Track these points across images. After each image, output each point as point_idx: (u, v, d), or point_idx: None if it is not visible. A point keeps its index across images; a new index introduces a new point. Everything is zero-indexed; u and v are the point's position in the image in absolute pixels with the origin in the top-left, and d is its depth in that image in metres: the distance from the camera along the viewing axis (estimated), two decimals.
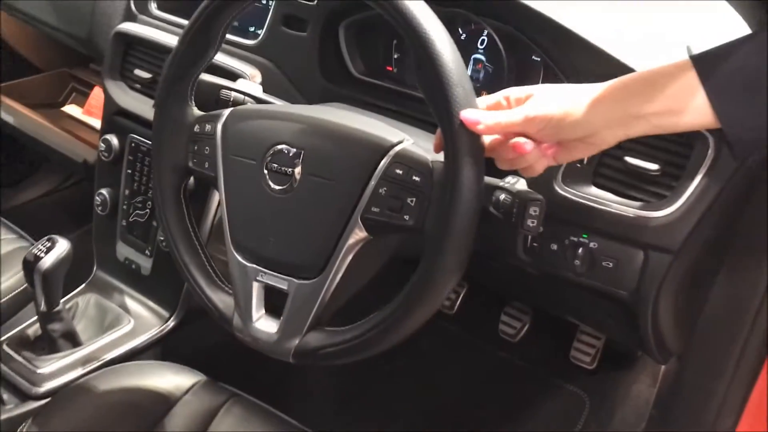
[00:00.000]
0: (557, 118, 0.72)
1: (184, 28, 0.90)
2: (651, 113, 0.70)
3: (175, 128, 0.94)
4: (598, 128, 0.72)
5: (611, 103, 0.71)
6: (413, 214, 0.78)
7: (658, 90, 0.69)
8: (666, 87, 0.69)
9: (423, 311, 0.78)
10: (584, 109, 0.72)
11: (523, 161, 0.76)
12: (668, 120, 0.70)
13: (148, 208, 1.29)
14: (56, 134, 1.65)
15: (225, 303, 0.92)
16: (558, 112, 0.72)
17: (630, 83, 0.72)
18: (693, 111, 0.68)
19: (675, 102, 0.69)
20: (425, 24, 0.74)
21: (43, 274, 1.10)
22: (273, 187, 0.86)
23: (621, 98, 0.71)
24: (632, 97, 0.70)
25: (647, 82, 0.70)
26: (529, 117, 0.73)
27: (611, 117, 0.71)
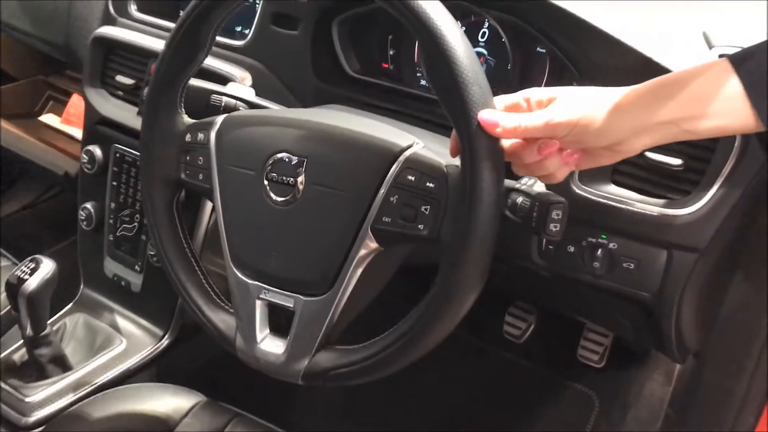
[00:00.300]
0: (582, 125, 0.67)
1: (171, 31, 0.84)
2: (682, 118, 0.65)
3: (165, 138, 0.88)
4: (626, 136, 0.67)
5: (639, 109, 0.66)
6: (428, 223, 0.73)
7: (690, 93, 0.64)
8: (699, 89, 0.64)
9: (442, 328, 0.73)
10: (611, 116, 0.67)
11: (543, 168, 0.71)
12: (701, 125, 0.65)
13: (136, 221, 1.23)
14: (34, 146, 1.58)
15: (226, 323, 0.87)
16: (583, 118, 0.67)
17: (658, 87, 0.67)
18: (729, 114, 0.64)
19: (709, 105, 0.64)
20: (435, 18, 0.68)
21: (28, 297, 1.04)
22: (274, 199, 0.80)
23: (649, 104, 0.66)
24: (661, 102, 0.66)
25: (677, 85, 0.65)
26: (551, 123, 0.68)
27: (639, 124, 0.66)
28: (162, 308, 1.24)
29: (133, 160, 1.21)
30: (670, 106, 0.65)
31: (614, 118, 0.67)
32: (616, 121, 0.67)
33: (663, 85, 0.67)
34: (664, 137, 0.67)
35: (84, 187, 1.30)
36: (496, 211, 0.69)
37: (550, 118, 0.68)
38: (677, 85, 0.66)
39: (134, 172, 1.21)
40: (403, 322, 0.75)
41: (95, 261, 1.30)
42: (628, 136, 0.67)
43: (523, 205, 0.75)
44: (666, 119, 0.65)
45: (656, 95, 0.66)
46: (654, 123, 0.66)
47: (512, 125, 0.68)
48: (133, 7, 1.27)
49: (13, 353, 1.18)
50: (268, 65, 1.12)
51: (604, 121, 0.67)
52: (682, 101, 0.65)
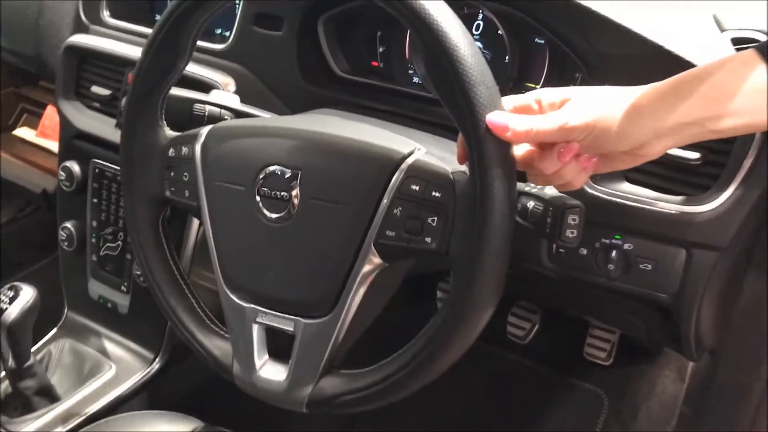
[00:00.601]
0: (600, 128, 0.62)
1: (148, 38, 0.78)
2: (707, 117, 0.60)
3: (147, 153, 0.82)
4: (647, 139, 0.62)
5: (661, 110, 0.61)
6: (436, 235, 0.68)
7: (714, 89, 0.59)
8: (724, 84, 0.59)
9: (456, 349, 0.68)
10: (630, 118, 0.62)
11: (560, 176, 0.66)
12: (728, 123, 0.60)
13: (120, 240, 1.16)
14: (9, 163, 1.51)
15: (221, 349, 0.81)
16: (600, 121, 0.62)
17: (680, 85, 0.61)
18: (759, 110, 0.58)
19: (736, 101, 0.59)
20: (435, 13, 0.63)
21: (9, 328, 0.98)
22: (268, 216, 0.74)
23: (671, 104, 0.61)
24: (685, 101, 0.60)
25: (700, 81, 0.60)
26: (567, 126, 0.62)
27: (661, 126, 0.61)
28: (152, 330, 1.18)
29: (114, 175, 1.15)
30: (694, 105, 0.60)
31: (634, 121, 0.62)
32: (636, 124, 0.62)
33: (685, 82, 0.61)
34: (688, 138, 0.62)
35: (63, 206, 1.24)
36: (510, 222, 0.64)
37: (565, 121, 0.62)
38: (700, 81, 0.60)
39: (115, 188, 1.15)
40: (414, 344, 0.70)
41: (79, 283, 1.24)
42: (650, 139, 0.62)
43: (535, 210, 0.70)
44: (690, 119, 0.60)
45: (678, 93, 0.61)
46: (677, 124, 0.61)
47: (524, 128, 0.62)
48: (105, 13, 1.20)
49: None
50: (251, 69, 1.06)
51: (623, 123, 0.62)
52: (706, 99, 0.60)
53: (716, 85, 0.59)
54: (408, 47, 1.06)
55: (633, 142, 0.62)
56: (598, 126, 0.62)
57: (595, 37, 0.82)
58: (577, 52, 0.86)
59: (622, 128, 0.62)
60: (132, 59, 1.11)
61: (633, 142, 0.62)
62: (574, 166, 0.66)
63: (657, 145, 0.63)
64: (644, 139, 0.62)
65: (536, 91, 0.67)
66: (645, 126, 0.61)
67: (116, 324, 1.22)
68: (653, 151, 0.64)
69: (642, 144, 0.62)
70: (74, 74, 1.20)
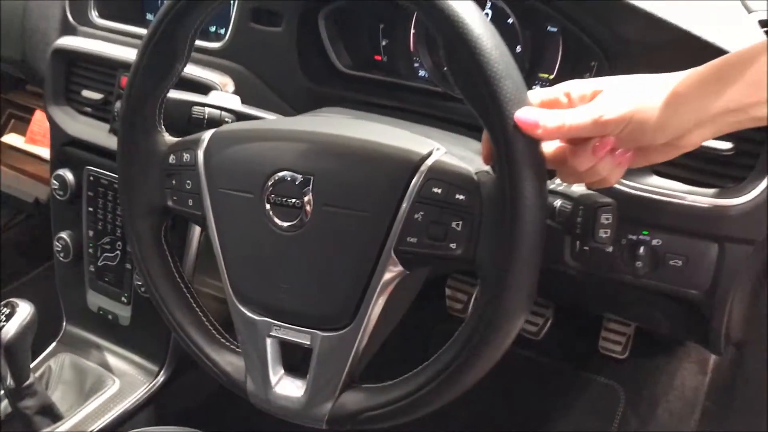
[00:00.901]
0: (637, 120, 0.58)
1: (143, 39, 0.73)
2: (751, 104, 0.56)
3: (145, 161, 0.78)
4: (687, 129, 0.58)
5: (702, 97, 0.57)
6: (461, 240, 0.64)
7: (761, 74, 0.55)
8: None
9: (487, 361, 0.64)
10: (669, 107, 0.58)
11: (595, 173, 0.62)
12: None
13: (118, 249, 1.12)
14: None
15: (234, 365, 0.77)
16: (638, 112, 0.58)
17: (722, 68, 0.57)
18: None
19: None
20: (454, 4, 0.58)
21: (6, 347, 0.93)
22: (279, 224, 0.70)
23: (713, 90, 0.57)
24: (727, 86, 0.56)
25: (742, 65, 0.56)
26: (601, 120, 0.58)
27: (703, 114, 0.57)
28: (155, 341, 1.14)
29: (110, 182, 1.10)
30: (738, 90, 0.56)
31: (674, 110, 0.57)
32: (676, 113, 0.57)
33: (727, 65, 0.57)
34: (728, 126, 0.58)
35: (57, 216, 1.19)
36: (542, 225, 0.60)
37: (600, 113, 0.58)
38: (743, 66, 0.56)
39: (111, 196, 1.10)
40: (442, 355, 0.66)
41: (77, 294, 1.20)
42: (690, 128, 0.58)
43: (563, 209, 0.66)
44: (734, 106, 0.56)
45: (720, 78, 0.57)
46: (721, 111, 0.57)
47: (555, 124, 0.58)
48: (93, 13, 1.15)
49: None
50: (250, 67, 1.02)
51: (661, 113, 0.58)
52: (751, 84, 0.55)
53: (761, 69, 0.55)
54: (413, 39, 1.02)
55: (672, 132, 0.58)
56: (636, 118, 0.58)
57: (616, 23, 0.78)
58: (596, 40, 0.82)
59: (661, 119, 0.58)
60: (124, 61, 1.07)
61: (672, 133, 0.58)
62: (609, 162, 0.61)
63: (696, 136, 0.59)
64: (684, 129, 0.58)
65: (564, 84, 0.63)
66: (685, 115, 0.57)
67: (117, 336, 1.18)
68: (691, 142, 0.60)
69: (681, 134, 0.58)
70: (63, 78, 1.15)
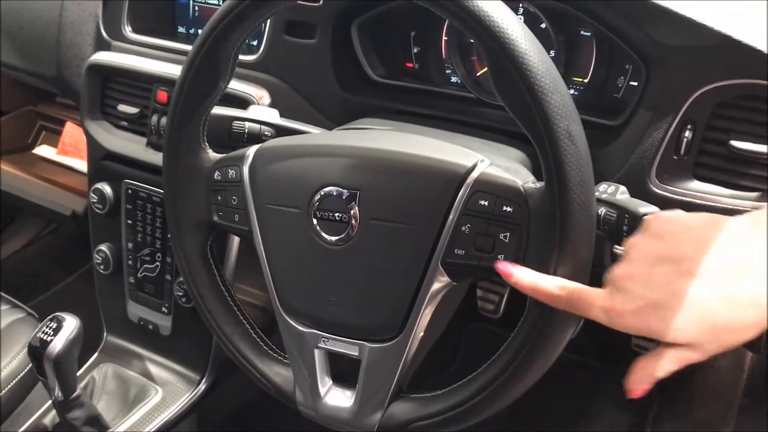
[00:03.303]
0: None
1: (187, 59, 0.74)
2: None
3: (191, 178, 0.79)
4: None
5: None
6: (510, 252, 0.64)
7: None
8: None
9: (537, 371, 0.65)
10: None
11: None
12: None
13: (158, 260, 1.13)
14: (36, 186, 1.47)
15: (282, 376, 0.79)
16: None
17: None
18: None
19: None
20: (500, 20, 0.59)
21: (54, 360, 0.94)
22: (326, 238, 0.71)
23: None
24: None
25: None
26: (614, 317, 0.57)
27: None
28: (196, 350, 1.15)
29: (148, 195, 1.11)
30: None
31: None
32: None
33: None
34: None
35: (96, 228, 1.21)
36: (591, 236, 0.61)
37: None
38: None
39: (150, 209, 1.12)
40: (491, 365, 0.67)
41: (117, 305, 1.21)
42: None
43: (608, 217, 0.67)
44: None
45: None
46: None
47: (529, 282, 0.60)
48: (127, 29, 1.16)
49: (43, 416, 1.10)
50: (285, 79, 1.03)
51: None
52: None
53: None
54: (444, 46, 1.03)
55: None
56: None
57: (652, 27, 0.78)
58: (631, 44, 0.82)
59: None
60: (159, 75, 1.08)
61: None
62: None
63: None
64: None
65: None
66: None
67: (158, 346, 1.19)
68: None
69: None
70: (99, 93, 1.16)
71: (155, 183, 1.10)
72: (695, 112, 0.76)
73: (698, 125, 0.77)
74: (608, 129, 0.86)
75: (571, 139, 0.59)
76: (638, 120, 0.81)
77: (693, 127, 0.77)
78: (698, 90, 0.76)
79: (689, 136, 0.77)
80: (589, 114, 0.85)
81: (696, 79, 0.76)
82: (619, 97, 0.91)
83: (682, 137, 0.77)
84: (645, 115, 0.80)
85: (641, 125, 0.80)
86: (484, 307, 1.50)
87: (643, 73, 0.82)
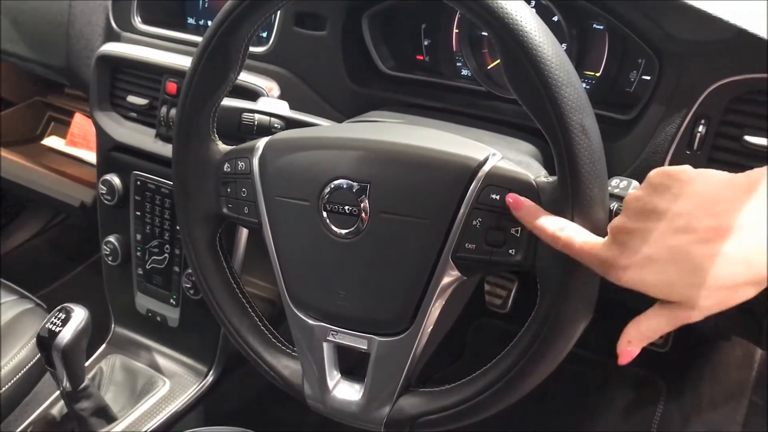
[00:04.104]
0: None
1: (197, 49, 0.74)
2: None
3: (201, 170, 0.79)
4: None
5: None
6: (521, 247, 0.64)
7: None
8: None
9: (548, 366, 0.65)
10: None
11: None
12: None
13: (166, 252, 1.13)
14: (44, 177, 1.47)
15: (290, 369, 0.79)
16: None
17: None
18: None
19: None
20: (514, 12, 0.59)
21: (63, 351, 0.95)
22: (336, 231, 0.71)
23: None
24: None
25: None
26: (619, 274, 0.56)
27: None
28: (203, 342, 1.15)
29: (157, 186, 1.11)
30: None
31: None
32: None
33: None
34: None
35: (105, 220, 1.21)
36: (604, 231, 0.60)
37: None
38: None
39: (159, 200, 1.12)
40: (501, 360, 0.67)
41: (125, 297, 1.21)
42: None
43: (620, 212, 0.66)
44: None
45: None
46: None
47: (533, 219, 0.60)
48: (137, 19, 1.16)
49: (50, 407, 1.10)
50: (294, 71, 1.02)
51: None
52: None
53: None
54: (455, 39, 1.02)
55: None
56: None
57: (666, 21, 0.77)
58: (644, 38, 0.81)
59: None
60: (168, 66, 1.08)
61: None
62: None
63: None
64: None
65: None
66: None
67: (166, 338, 1.19)
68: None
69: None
70: (108, 84, 1.16)
71: (164, 174, 1.10)
72: (709, 107, 0.76)
73: (712, 120, 0.76)
74: (620, 123, 0.85)
75: (585, 133, 0.58)
76: (651, 114, 0.80)
77: (706, 122, 0.76)
78: (712, 84, 0.75)
79: (703, 131, 0.76)
80: (601, 108, 0.84)
81: (710, 73, 0.75)
82: (631, 91, 0.90)
83: (695, 132, 0.77)
84: (658, 110, 0.79)
85: (654, 120, 0.80)
86: (492, 301, 1.50)
87: (656, 67, 0.81)
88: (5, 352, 1.10)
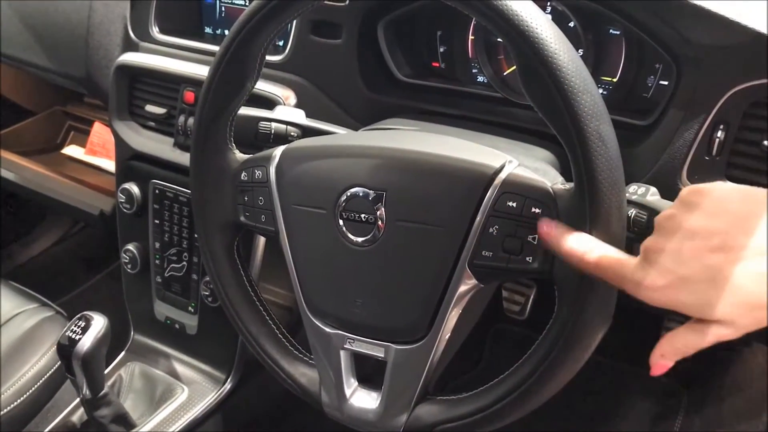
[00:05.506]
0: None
1: (214, 59, 0.74)
2: None
3: (218, 178, 0.79)
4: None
5: None
6: (538, 254, 0.64)
7: None
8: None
9: (566, 374, 0.64)
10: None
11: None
12: None
13: (184, 260, 1.14)
14: (64, 185, 1.49)
15: (307, 377, 0.79)
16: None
17: None
18: None
19: None
20: (530, 19, 0.58)
21: (83, 358, 0.96)
22: (352, 239, 0.71)
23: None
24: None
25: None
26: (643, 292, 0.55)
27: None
28: (222, 349, 1.16)
29: (175, 195, 1.12)
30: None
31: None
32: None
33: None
34: None
35: (124, 228, 1.22)
36: (622, 240, 0.60)
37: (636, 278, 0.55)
38: None
39: (177, 208, 1.12)
40: (519, 369, 0.66)
41: (144, 304, 1.22)
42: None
43: (638, 219, 0.66)
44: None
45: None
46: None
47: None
48: (154, 29, 1.17)
49: (71, 414, 1.11)
50: (311, 80, 1.03)
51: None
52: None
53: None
54: (471, 46, 1.02)
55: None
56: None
57: (684, 26, 0.77)
58: (662, 43, 0.81)
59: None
60: (186, 76, 1.09)
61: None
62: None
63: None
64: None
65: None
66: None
67: (185, 345, 1.20)
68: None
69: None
70: (127, 94, 1.17)
71: (182, 183, 1.11)
72: (728, 112, 0.75)
73: (731, 125, 0.75)
74: (638, 129, 0.85)
75: (602, 140, 0.58)
76: (669, 120, 0.80)
77: (725, 128, 0.75)
78: (731, 89, 0.74)
79: (721, 136, 0.76)
80: (619, 114, 0.84)
81: (728, 78, 0.74)
82: (648, 97, 0.90)
83: (714, 137, 0.76)
84: (676, 115, 0.79)
85: (672, 125, 0.79)
86: (510, 308, 1.49)
87: (673, 73, 0.81)
88: (27, 359, 1.11)
